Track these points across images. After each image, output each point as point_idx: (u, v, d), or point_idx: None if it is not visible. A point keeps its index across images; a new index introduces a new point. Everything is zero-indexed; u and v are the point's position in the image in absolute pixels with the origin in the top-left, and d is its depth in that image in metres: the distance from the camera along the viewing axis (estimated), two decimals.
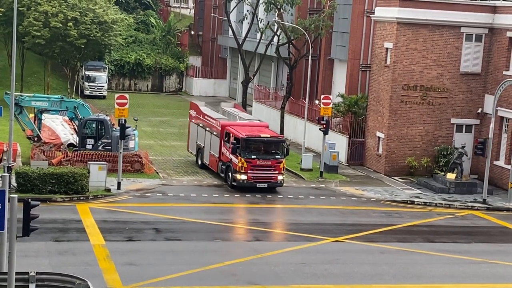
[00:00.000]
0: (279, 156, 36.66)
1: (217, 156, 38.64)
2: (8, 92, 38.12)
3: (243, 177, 35.91)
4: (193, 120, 43.30)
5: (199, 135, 41.71)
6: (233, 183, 36.57)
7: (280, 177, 36.64)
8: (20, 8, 55.17)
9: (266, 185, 36.44)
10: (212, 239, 29.10)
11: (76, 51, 59.41)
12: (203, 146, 40.83)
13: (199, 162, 41.65)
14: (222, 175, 38.16)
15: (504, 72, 41.18)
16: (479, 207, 37.02)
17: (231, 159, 36.72)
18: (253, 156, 36.10)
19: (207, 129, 40.11)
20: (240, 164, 35.84)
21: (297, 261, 26.82)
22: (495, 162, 41.24)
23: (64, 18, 57.04)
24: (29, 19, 56.99)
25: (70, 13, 57.42)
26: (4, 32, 59.21)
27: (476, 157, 41.86)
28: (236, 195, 36.28)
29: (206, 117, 41.00)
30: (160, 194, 35.76)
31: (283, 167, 36.90)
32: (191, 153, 43.35)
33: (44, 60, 64.20)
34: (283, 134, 46.22)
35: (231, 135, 37.05)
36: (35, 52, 63.28)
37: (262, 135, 36.89)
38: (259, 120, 42.65)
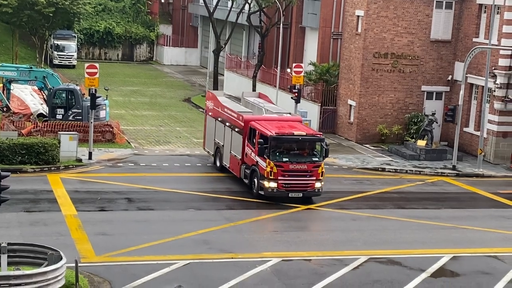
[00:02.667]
0: (316, 159, 30.05)
1: (240, 157, 32.02)
2: None
3: (273, 184, 29.32)
4: (210, 113, 36.21)
5: (217, 132, 34.82)
6: (259, 191, 29.99)
7: (318, 184, 29.87)
8: None
9: (300, 195, 29.85)
10: (184, 208, 29.15)
11: (44, 20, 58.69)
12: (223, 145, 34.12)
13: (218, 164, 34.90)
14: (246, 181, 31.50)
15: (474, 39, 41.44)
16: (449, 173, 37.46)
17: (257, 162, 30.11)
18: (284, 159, 29.56)
19: (227, 124, 33.43)
20: (268, 169, 29.26)
21: (269, 229, 27.04)
22: (464, 129, 41.70)
23: None
24: None
25: None
26: None
27: (446, 124, 42.33)
28: (208, 165, 36.31)
29: (226, 109, 33.98)
30: (132, 164, 35.66)
31: (322, 172, 30.11)
32: (208, 152, 36.62)
33: (11, 29, 63.34)
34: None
35: (257, 132, 30.32)
36: (2, 21, 62.46)
37: (296, 133, 30.11)
38: (289, 113, 35.27)
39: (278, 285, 21.56)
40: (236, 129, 32.35)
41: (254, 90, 51.15)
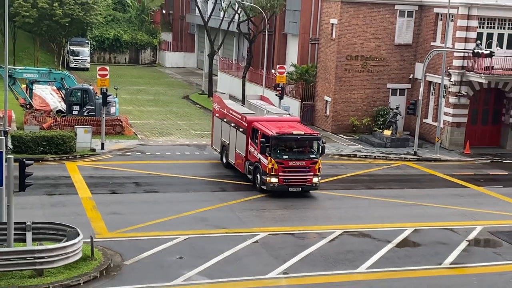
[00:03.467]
0: (314, 156, 28.34)
1: (244, 155, 30.28)
2: (2, 66, 37.27)
3: (274, 180, 27.77)
4: (216, 115, 33.96)
5: (223, 131, 32.86)
6: (262, 186, 28.44)
7: (315, 179, 28.31)
8: None
9: (299, 189, 28.30)
10: (185, 190, 29.08)
11: (62, 29, 58.25)
12: (228, 144, 32.23)
13: (224, 161, 32.95)
14: (250, 176, 29.78)
15: (432, 43, 41.48)
16: (411, 158, 37.55)
17: (259, 159, 28.53)
18: (284, 156, 27.83)
19: (232, 124, 31.56)
20: (270, 166, 27.67)
21: (257, 208, 26.99)
22: (424, 120, 41.80)
23: (48, 0, 55.72)
24: (18, 0, 55.56)
25: None
26: None
27: (408, 116, 42.38)
28: (205, 153, 36.26)
29: (231, 111, 32.03)
30: (139, 153, 35.55)
31: (319, 168, 28.47)
32: (215, 150, 34.45)
33: (33, 37, 62.89)
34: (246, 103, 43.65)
35: (259, 132, 28.71)
36: (25, 30, 61.86)
37: (295, 132, 28.46)
38: (289, 114, 33.12)
39: (266, 255, 21.62)
40: (240, 129, 30.62)
41: (243, 89, 50.97)
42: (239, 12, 52.38)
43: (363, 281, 20.14)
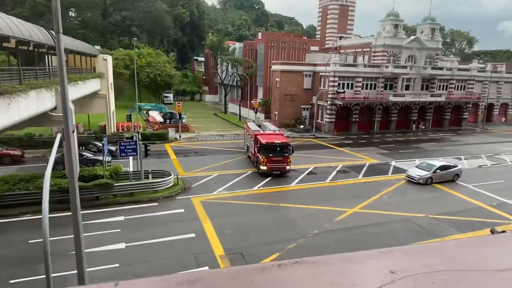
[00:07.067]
0: (286, 154, 22.86)
1: (253, 152, 25.21)
2: (136, 104, 36.46)
3: (264, 167, 22.66)
4: (245, 130, 28.95)
5: (246, 139, 28.11)
6: (259, 171, 23.16)
7: (288, 167, 22.82)
8: (136, 71, 52.53)
9: (279, 172, 22.76)
10: (217, 153, 28.34)
11: (160, 86, 57.09)
12: (248, 145, 27.27)
13: (248, 154, 27.37)
14: (255, 165, 24.45)
15: (319, 88, 41.26)
16: (312, 137, 37.25)
17: (258, 156, 23.59)
18: (270, 154, 22.74)
19: (249, 135, 26.89)
20: (262, 160, 22.82)
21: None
22: (317, 120, 41.51)
23: (154, 74, 54.46)
24: (140, 74, 54.27)
25: (155, 70, 54.85)
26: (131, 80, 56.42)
27: (311, 119, 42.13)
28: (225, 138, 35.66)
29: (249, 129, 27.32)
30: (196, 139, 34.80)
31: (290, 161, 22.96)
32: (244, 147, 28.96)
33: (148, 90, 61.51)
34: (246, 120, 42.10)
35: (258, 141, 23.94)
36: (144, 87, 60.54)
37: (275, 141, 23.14)
38: (279, 130, 26.72)
39: (258, 177, 20.84)
40: (252, 138, 25.58)
41: (239, 110, 50.34)
42: (235, 76, 51.57)
43: (296, 190, 19.73)
